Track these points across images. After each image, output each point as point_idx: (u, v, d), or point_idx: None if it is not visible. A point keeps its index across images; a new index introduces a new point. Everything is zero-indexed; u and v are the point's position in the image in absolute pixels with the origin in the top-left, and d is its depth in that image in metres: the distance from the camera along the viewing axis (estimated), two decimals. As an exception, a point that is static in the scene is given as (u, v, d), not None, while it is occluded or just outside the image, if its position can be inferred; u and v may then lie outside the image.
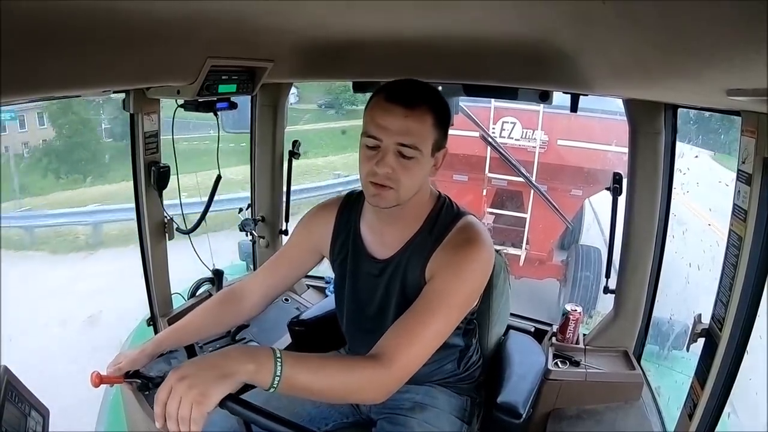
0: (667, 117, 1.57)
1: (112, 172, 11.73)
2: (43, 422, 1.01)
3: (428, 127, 1.11)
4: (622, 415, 1.60)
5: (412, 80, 1.15)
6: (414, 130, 1.09)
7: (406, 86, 1.13)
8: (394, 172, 1.11)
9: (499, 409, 1.34)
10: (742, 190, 1.09)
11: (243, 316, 1.38)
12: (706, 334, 1.19)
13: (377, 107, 1.11)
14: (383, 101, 1.10)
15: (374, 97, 1.14)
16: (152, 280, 1.75)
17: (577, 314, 1.77)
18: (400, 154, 1.10)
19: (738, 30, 0.42)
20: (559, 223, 5.62)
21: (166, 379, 0.87)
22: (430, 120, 1.11)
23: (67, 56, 0.86)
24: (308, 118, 14.94)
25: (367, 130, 1.12)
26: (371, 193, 1.16)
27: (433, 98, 1.13)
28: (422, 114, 1.10)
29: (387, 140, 1.10)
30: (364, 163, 1.14)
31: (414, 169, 1.12)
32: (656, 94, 1.26)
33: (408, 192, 1.15)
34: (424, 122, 1.10)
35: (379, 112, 1.10)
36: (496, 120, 5.43)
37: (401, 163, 1.11)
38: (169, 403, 0.85)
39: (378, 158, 1.11)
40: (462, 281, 1.14)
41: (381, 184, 1.13)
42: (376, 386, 1.01)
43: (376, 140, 1.11)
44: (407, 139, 1.09)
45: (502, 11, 0.85)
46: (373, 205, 1.19)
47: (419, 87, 1.13)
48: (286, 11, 0.93)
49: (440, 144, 1.16)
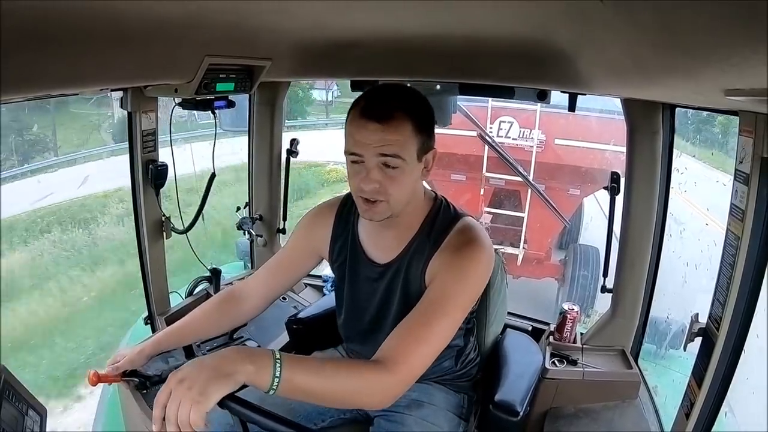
0: (665, 117, 1.57)
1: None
2: (41, 421, 1.00)
3: (408, 134, 1.09)
4: (619, 414, 1.61)
5: (386, 87, 1.15)
6: (393, 141, 1.08)
7: (379, 98, 1.11)
8: (382, 185, 1.10)
9: (497, 408, 1.34)
10: (739, 189, 1.09)
11: (242, 317, 1.38)
12: (703, 334, 1.19)
13: (354, 123, 1.10)
14: (359, 117, 1.09)
15: (351, 111, 1.12)
16: (150, 278, 1.75)
17: (574, 313, 1.77)
18: (385, 165, 1.09)
19: (736, 30, 0.42)
20: (557, 223, 5.64)
21: (165, 383, 0.87)
22: (409, 127, 1.09)
23: (65, 55, 0.86)
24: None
25: (348, 147, 1.11)
26: (363, 209, 1.16)
27: (410, 104, 1.11)
28: (399, 123, 1.08)
29: (368, 155, 1.09)
30: (351, 179, 1.14)
31: (401, 178, 1.11)
32: (654, 93, 1.26)
33: (399, 202, 1.14)
34: (402, 132, 1.08)
35: (355, 128, 1.09)
36: (493, 119, 5.43)
37: (387, 174, 1.10)
38: (168, 406, 0.85)
39: (363, 174, 1.10)
40: (464, 283, 1.13)
41: (371, 199, 1.12)
42: (380, 391, 1.00)
43: (357, 156, 1.10)
44: (388, 150, 1.08)
45: (501, 11, 0.85)
46: (367, 219, 1.19)
47: (394, 95, 1.12)
48: (284, 10, 0.93)
49: (426, 147, 1.14)
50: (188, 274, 2.04)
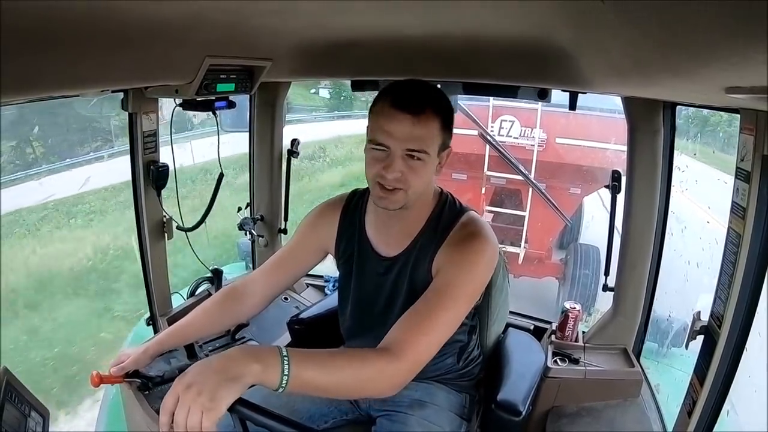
0: (666, 115, 1.57)
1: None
2: (43, 423, 1.00)
3: (435, 130, 1.12)
4: (621, 413, 1.61)
5: (416, 82, 1.16)
6: (422, 136, 1.10)
7: (411, 91, 1.13)
8: (404, 175, 1.12)
9: (499, 407, 1.34)
10: (740, 187, 1.09)
11: (245, 314, 1.39)
12: (705, 332, 1.20)
13: (383, 114, 1.11)
14: (389, 107, 1.10)
15: (379, 102, 1.13)
16: (151, 279, 1.75)
17: (576, 312, 1.77)
18: (410, 157, 1.11)
19: (737, 28, 0.42)
20: (558, 222, 5.62)
21: (171, 388, 0.85)
22: (437, 124, 1.12)
23: (66, 56, 0.86)
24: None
25: (375, 137, 1.12)
26: (379, 195, 1.17)
27: (439, 101, 1.14)
28: (429, 119, 1.10)
29: (395, 146, 1.10)
30: (371, 166, 1.15)
31: (422, 170, 1.13)
32: (655, 92, 1.26)
33: (416, 193, 1.16)
34: (431, 127, 1.11)
35: (385, 119, 1.10)
36: (494, 118, 5.41)
37: (410, 165, 1.12)
38: (177, 413, 0.83)
39: (386, 163, 1.12)
40: (468, 274, 1.15)
41: (389, 187, 1.14)
42: (387, 378, 1.01)
43: (383, 146, 1.11)
44: (416, 145, 1.10)
45: (501, 10, 0.85)
46: (381, 207, 1.19)
47: (424, 91, 1.14)
48: (284, 11, 0.93)
49: (446, 144, 1.18)
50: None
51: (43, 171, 8.19)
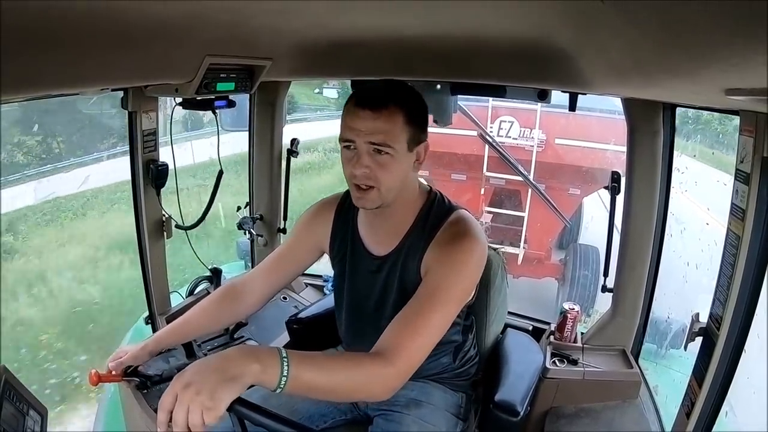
0: (666, 116, 1.57)
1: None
2: (42, 421, 1.00)
3: (399, 125, 1.14)
4: (619, 414, 1.61)
5: (383, 82, 1.20)
6: (384, 130, 1.13)
7: (374, 89, 1.17)
8: (372, 170, 1.14)
9: (497, 408, 1.34)
10: (740, 189, 1.09)
11: (243, 312, 1.39)
12: (704, 333, 1.20)
13: (348, 112, 1.15)
14: (353, 106, 1.14)
15: (347, 104, 1.17)
16: (150, 278, 1.75)
17: (574, 313, 1.77)
18: (376, 152, 1.14)
19: (737, 29, 0.42)
20: (557, 222, 5.63)
21: (170, 386, 0.85)
22: (400, 118, 1.14)
23: (66, 55, 0.86)
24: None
25: (342, 134, 1.16)
26: (355, 196, 1.19)
27: (403, 97, 1.17)
28: (391, 114, 1.13)
29: (359, 141, 1.14)
30: (345, 167, 1.18)
31: (390, 165, 1.15)
32: (655, 93, 1.26)
33: (390, 190, 1.18)
34: (394, 121, 1.13)
35: (350, 116, 1.15)
36: (493, 119, 5.42)
37: (377, 160, 1.14)
38: (175, 411, 0.82)
39: (354, 160, 1.15)
40: (457, 274, 1.15)
41: (363, 186, 1.16)
42: (381, 383, 1.01)
43: (349, 142, 1.15)
44: (377, 138, 1.13)
45: (501, 11, 0.85)
46: (359, 207, 1.22)
47: (388, 88, 1.17)
48: (284, 10, 0.92)
49: (418, 139, 1.19)
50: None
51: (73, 164, 8.57)
